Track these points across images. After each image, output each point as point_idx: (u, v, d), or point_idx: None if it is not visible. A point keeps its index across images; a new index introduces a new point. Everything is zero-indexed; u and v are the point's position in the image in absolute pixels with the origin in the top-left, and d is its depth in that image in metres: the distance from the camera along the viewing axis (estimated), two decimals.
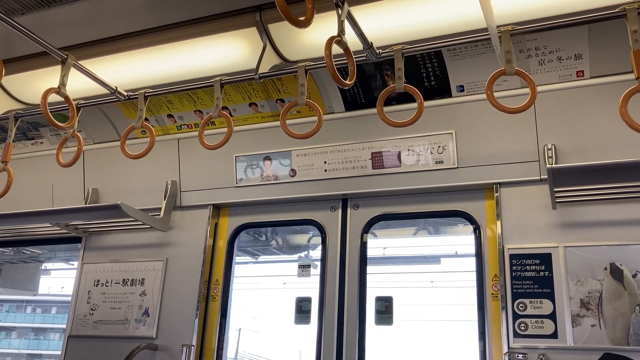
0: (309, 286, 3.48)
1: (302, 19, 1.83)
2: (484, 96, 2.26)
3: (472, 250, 3.15)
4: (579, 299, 2.74)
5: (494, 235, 3.05)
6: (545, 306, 2.79)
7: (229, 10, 2.92)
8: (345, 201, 3.49)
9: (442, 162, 3.16)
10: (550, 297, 2.79)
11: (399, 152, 3.24)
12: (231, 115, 3.40)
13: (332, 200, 3.51)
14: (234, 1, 2.85)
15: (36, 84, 3.53)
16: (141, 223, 3.58)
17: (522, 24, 2.28)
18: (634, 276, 2.68)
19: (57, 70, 2.68)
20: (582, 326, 2.70)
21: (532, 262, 2.88)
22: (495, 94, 2.15)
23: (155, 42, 3.12)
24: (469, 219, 3.21)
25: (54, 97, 2.61)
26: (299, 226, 4.15)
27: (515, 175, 3.02)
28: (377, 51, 2.41)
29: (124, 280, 3.79)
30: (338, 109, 3.33)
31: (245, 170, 3.60)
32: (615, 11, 2.09)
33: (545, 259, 2.86)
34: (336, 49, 2.12)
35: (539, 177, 2.96)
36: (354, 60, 2.26)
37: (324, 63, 2.09)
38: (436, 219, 4.27)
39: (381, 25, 2.80)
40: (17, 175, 2.97)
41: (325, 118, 2.89)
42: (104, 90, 2.95)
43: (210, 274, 3.65)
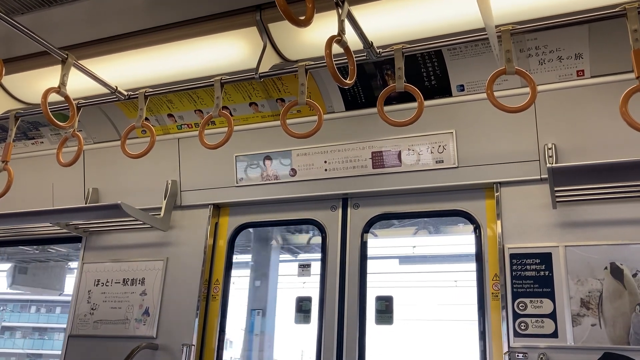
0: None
1: (302, 18, 1.83)
2: (484, 95, 2.27)
3: (472, 250, 3.15)
4: (579, 299, 2.74)
5: (494, 234, 3.05)
6: (546, 306, 2.79)
7: (229, 10, 2.93)
8: (345, 201, 3.49)
9: (443, 161, 3.16)
10: (551, 296, 2.79)
11: (399, 151, 3.24)
12: (231, 115, 3.39)
13: (332, 199, 3.51)
14: (234, 1, 2.85)
15: (36, 84, 3.54)
16: (141, 223, 3.58)
17: (523, 23, 2.28)
18: (634, 275, 2.68)
19: (57, 69, 2.69)
20: (583, 326, 2.69)
21: (533, 261, 2.87)
22: (496, 94, 2.15)
23: (155, 42, 3.13)
24: (469, 218, 3.20)
25: (54, 97, 2.61)
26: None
27: (515, 175, 3.02)
28: (378, 50, 2.41)
29: (124, 279, 3.79)
30: (338, 109, 3.33)
31: (246, 169, 3.60)
32: (616, 10, 2.09)
33: (545, 259, 2.86)
34: (336, 49, 2.13)
35: (539, 177, 2.96)
36: (354, 59, 2.26)
37: (324, 62, 2.09)
38: (436, 219, 4.27)
39: (381, 25, 2.80)
40: (17, 175, 2.97)
41: (326, 117, 2.89)
42: (104, 90, 2.95)
43: (211, 274, 3.65)
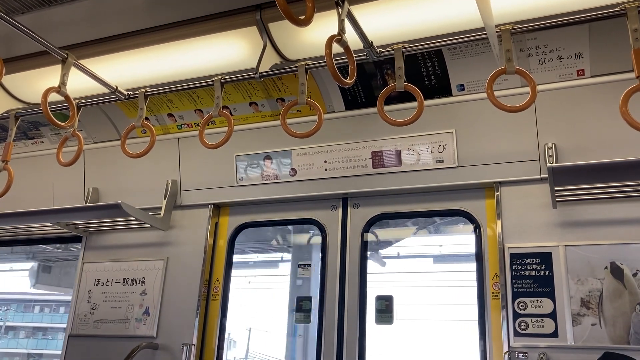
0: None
1: (302, 17, 1.83)
2: (484, 95, 2.26)
3: (473, 250, 3.15)
4: (579, 298, 2.74)
5: (494, 234, 3.05)
6: (546, 305, 2.78)
7: (229, 10, 2.93)
8: (345, 200, 3.49)
9: (443, 161, 3.16)
10: (551, 296, 2.79)
11: (400, 151, 3.24)
12: (231, 115, 3.40)
13: (332, 199, 3.50)
14: (234, 0, 2.85)
15: (36, 83, 3.54)
16: (141, 222, 3.58)
17: (523, 22, 2.28)
18: (634, 275, 2.68)
19: (57, 69, 2.69)
20: (583, 325, 2.69)
21: (533, 261, 2.87)
22: (496, 93, 2.14)
23: (155, 42, 3.13)
24: (469, 218, 3.20)
25: (54, 96, 2.61)
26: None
27: (515, 175, 3.02)
28: (378, 50, 2.41)
29: (124, 279, 3.79)
30: (338, 108, 3.32)
31: (246, 169, 3.60)
32: (616, 10, 2.09)
33: (545, 258, 2.85)
34: (336, 48, 2.12)
35: (539, 176, 2.96)
36: (355, 59, 2.26)
37: (324, 62, 2.09)
38: (436, 218, 4.27)
39: (381, 24, 2.80)
40: (17, 175, 2.97)
41: (326, 117, 2.89)
42: (104, 90, 2.95)
43: (211, 274, 3.65)
